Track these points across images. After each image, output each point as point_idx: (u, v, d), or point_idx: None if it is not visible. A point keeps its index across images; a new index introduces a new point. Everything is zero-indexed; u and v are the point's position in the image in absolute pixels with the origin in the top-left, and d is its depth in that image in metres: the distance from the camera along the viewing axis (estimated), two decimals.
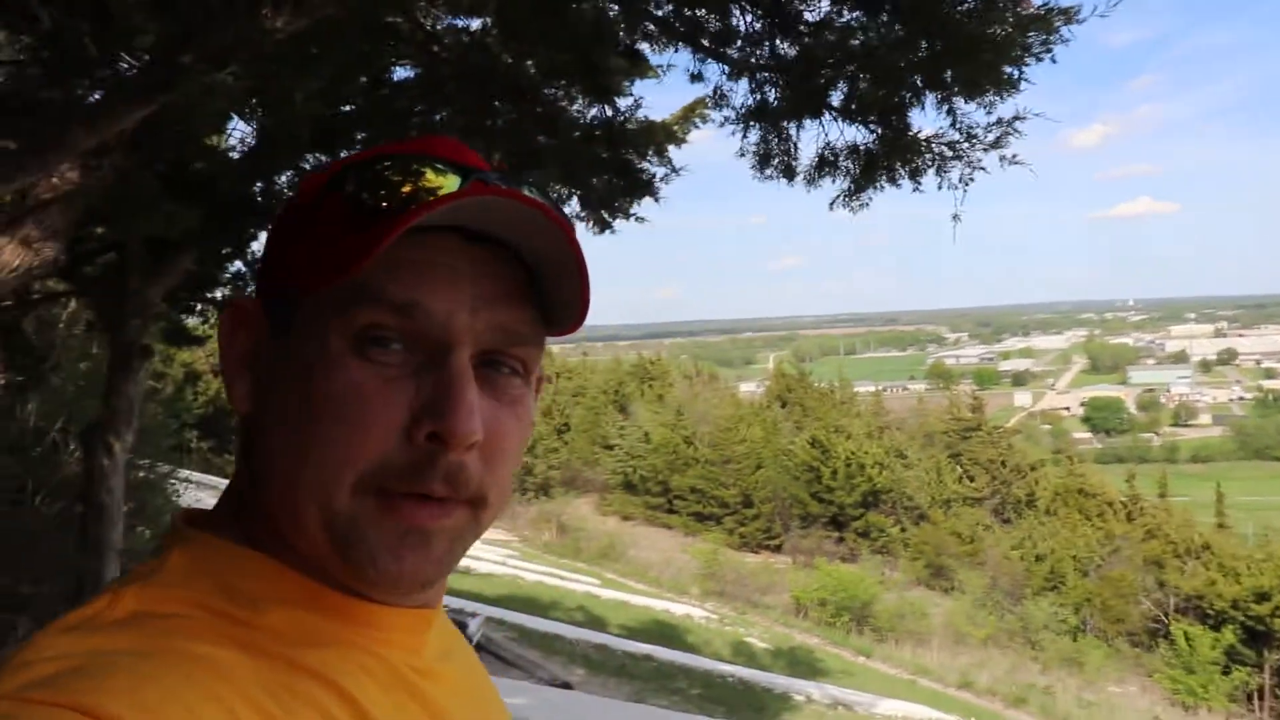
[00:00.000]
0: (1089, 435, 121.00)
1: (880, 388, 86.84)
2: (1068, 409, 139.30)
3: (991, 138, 5.05)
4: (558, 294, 0.78)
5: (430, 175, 0.74)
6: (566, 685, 10.62)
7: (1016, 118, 5.10)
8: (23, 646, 0.64)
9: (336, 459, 0.70)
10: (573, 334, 0.81)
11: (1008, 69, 4.59)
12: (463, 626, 9.85)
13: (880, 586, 28.35)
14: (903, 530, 36.76)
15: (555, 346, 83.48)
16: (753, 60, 5.31)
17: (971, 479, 40.29)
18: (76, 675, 0.59)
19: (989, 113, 4.86)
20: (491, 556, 25.57)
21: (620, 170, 6.77)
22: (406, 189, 0.73)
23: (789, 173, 5.63)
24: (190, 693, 0.60)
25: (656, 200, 9.18)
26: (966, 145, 5.02)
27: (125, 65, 4.89)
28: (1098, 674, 23.87)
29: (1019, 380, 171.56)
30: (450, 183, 0.73)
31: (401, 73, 7.35)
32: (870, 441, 41.11)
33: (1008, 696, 20.14)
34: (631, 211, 9.70)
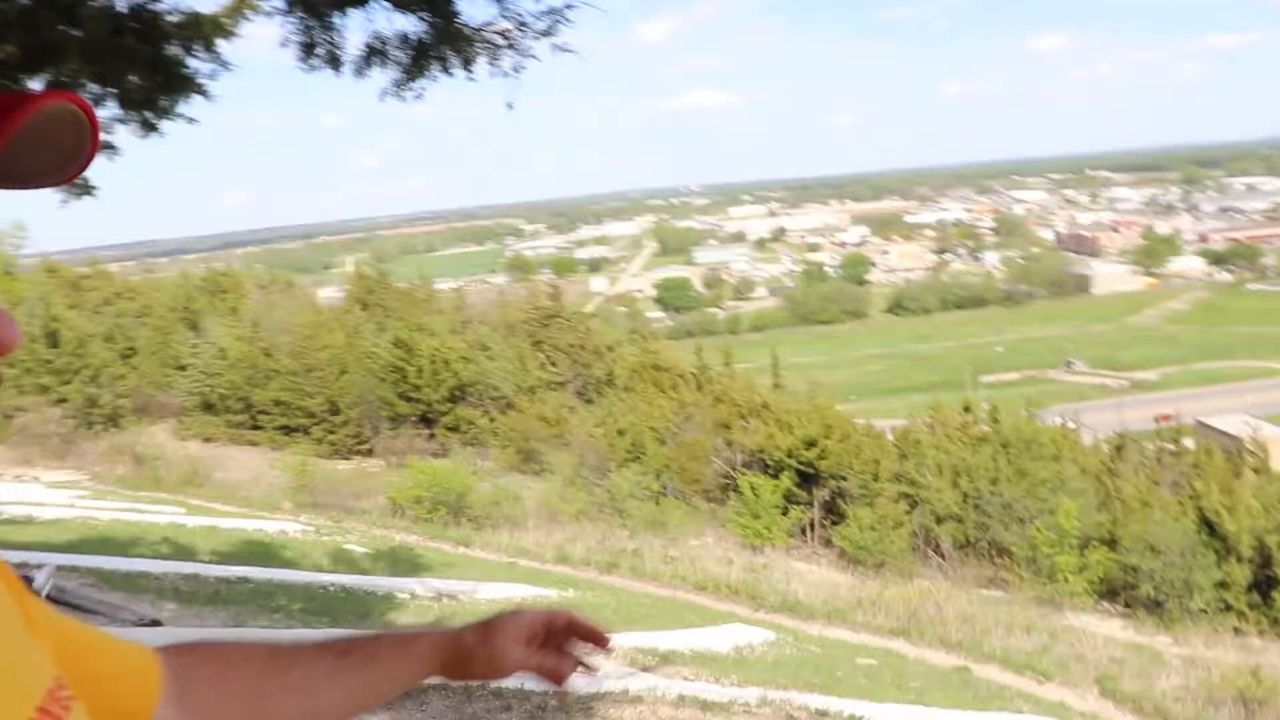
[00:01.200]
0: (662, 314, 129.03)
1: (461, 283, 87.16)
2: (641, 291, 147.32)
3: (543, 26, 5.12)
4: None
5: None
6: (155, 623, 10.03)
7: (568, 5, 5.20)
8: None
9: None
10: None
11: None
12: (29, 580, 8.99)
13: (474, 477, 28.53)
14: (491, 420, 37.21)
15: (115, 265, 76.33)
16: None
17: (554, 364, 41.33)
18: None
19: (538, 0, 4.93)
20: (58, 500, 23.18)
21: (155, 66, 6.19)
22: None
23: (335, 62, 5.41)
24: None
25: (207, 98, 8.51)
26: (518, 33, 5.05)
27: None
28: (679, 531, 25.70)
29: (595, 267, 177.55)
30: None
31: None
32: (454, 337, 41.24)
33: (601, 564, 21.22)
34: (179, 112, 8.94)
